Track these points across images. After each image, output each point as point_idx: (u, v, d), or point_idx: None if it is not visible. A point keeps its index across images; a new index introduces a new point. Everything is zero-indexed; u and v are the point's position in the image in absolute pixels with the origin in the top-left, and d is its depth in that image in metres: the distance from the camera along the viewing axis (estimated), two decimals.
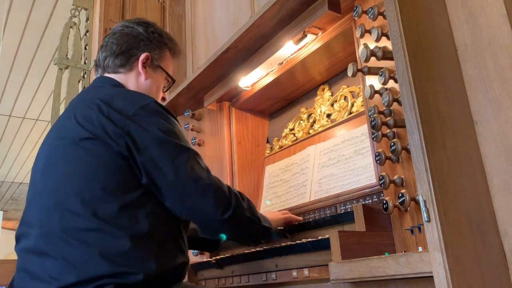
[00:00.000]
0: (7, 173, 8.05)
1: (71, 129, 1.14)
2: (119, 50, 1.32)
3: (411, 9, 1.06)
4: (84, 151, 1.10)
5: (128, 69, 1.33)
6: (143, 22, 1.40)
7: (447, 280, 0.82)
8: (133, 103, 1.15)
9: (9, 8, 3.98)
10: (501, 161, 1.02)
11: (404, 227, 1.09)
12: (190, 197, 1.12)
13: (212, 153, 2.13)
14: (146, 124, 1.12)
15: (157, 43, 1.37)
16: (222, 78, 2.00)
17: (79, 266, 1.00)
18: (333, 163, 1.69)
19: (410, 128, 0.96)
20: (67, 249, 1.02)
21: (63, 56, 2.70)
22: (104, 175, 1.08)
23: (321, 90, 1.91)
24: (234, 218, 1.17)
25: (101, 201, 1.06)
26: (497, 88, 1.04)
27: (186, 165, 1.12)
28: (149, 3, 2.91)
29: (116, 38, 1.34)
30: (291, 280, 1.32)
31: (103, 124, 1.10)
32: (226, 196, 1.17)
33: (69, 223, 1.05)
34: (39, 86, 5.28)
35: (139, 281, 1.01)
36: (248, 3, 2.33)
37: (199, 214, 1.15)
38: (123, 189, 1.08)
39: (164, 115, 1.17)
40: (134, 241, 1.04)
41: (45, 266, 1.03)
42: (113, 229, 1.04)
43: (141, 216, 1.08)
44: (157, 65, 1.37)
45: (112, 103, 1.14)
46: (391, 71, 1.13)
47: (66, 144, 1.14)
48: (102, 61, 1.34)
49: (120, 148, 1.09)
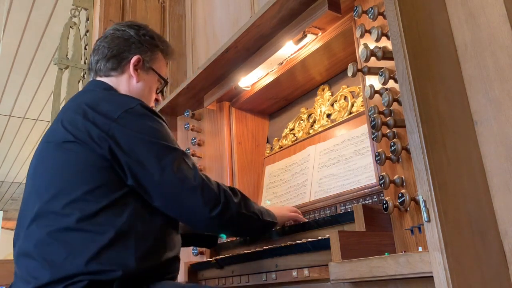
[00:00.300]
0: (7, 173, 8.06)
1: (57, 133, 1.17)
2: (111, 54, 1.33)
3: (411, 9, 1.06)
4: (67, 152, 1.13)
5: (119, 72, 1.33)
6: (135, 25, 1.40)
7: (447, 280, 0.82)
8: (118, 107, 1.16)
9: (9, 8, 3.98)
10: (501, 161, 1.02)
11: (404, 227, 1.09)
12: (177, 196, 1.13)
13: (212, 153, 2.13)
14: (131, 126, 1.13)
15: (148, 46, 1.37)
16: (222, 78, 2.00)
17: (56, 265, 1.02)
18: (333, 163, 1.69)
19: (410, 128, 0.96)
20: (48, 250, 1.05)
21: (63, 56, 2.70)
22: (87, 177, 1.10)
23: (321, 90, 1.91)
24: (224, 215, 1.17)
25: (83, 202, 1.07)
26: (497, 88, 1.04)
27: (173, 165, 1.13)
28: (149, 3, 2.91)
29: (107, 42, 1.35)
30: (291, 280, 1.32)
31: (88, 128, 1.12)
32: (215, 193, 1.17)
33: (53, 224, 1.07)
34: (39, 86, 5.29)
35: (116, 277, 1.02)
36: (248, 3, 2.33)
37: (188, 213, 1.15)
38: (105, 190, 1.10)
39: (150, 117, 1.18)
40: (114, 239, 1.05)
41: (29, 268, 1.06)
42: (94, 228, 1.05)
43: (123, 215, 1.09)
44: (149, 67, 1.37)
45: (97, 107, 1.16)
46: (391, 71, 1.13)
47: (51, 147, 1.17)
48: (94, 65, 1.35)
49: (102, 151, 1.10)
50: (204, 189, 1.15)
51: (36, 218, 1.10)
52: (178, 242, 1.25)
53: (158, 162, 1.12)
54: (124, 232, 1.07)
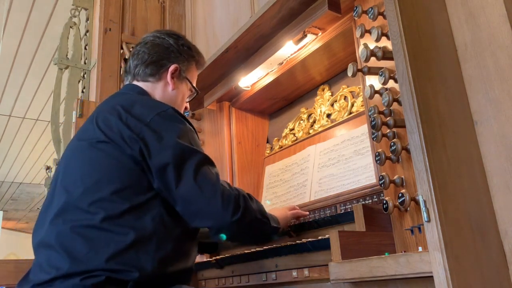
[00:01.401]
0: (7, 173, 8.05)
1: (91, 132, 1.20)
2: (150, 60, 1.37)
3: (411, 9, 1.06)
4: (99, 152, 1.15)
5: (157, 79, 1.37)
6: (174, 34, 1.45)
7: (447, 280, 0.82)
8: (151, 110, 1.19)
9: (9, 8, 3.98)
10: (501, 161, 1.02)
11: (404, 227, 1.09)
12: (198, 199, 1.13)
13: (212, 153, 2.13)
14: (160, 129, 1.16)
15: (186, 56, 1.42)
16: (222, 78, 2.00)
17: (77, 258, 1.04)
18: (333, 163, 1.69)
19: (410, 128, 0.96)
20: (70, 243, 1.07)
21: (63, 56, 2.70)
22: (115, 177, 1.12)
23: (321, 90, 1.91)
24: (244, 220, 1.18)
25: (110, 201, 1.09)
26: (497, 88, 1.04)
27: (196, 168, 1.14)
28: (149, 3, 2.91)
29: (147, 48, 1.39)
30: (291, 280, 1.32)
31: (121, 129, 1.15)
32: (235, 198, 1.18)
33: (77, 219, 1.09)
34: (39, 86, 5.28)
35: (133, 279, 1.04)
36: (248, 3, 2.32)
37: (209, 217, 1.16)
38: (133, 191, 1.12)
39: (180, 120, 1.21)
40: (136, 241, 1.06)
41: (50, 258, 1.08)
42: (117, 228, 1.07)
43: (147, 218, 1.10)
44: (184, 77, 1.42)
45: (132, 110, 1.19)
46: (391, 71, 1.13)
47: (84, 145, 1.20)
48: (133, 69, 1.39)
49: (133, 152, 1.13)
50: (225, 194, 1.16)
51: (61, 213, 1.12)
52: (195, 253, 1.26)
53: (182, 164, 1.13)
54: (146, 235, 1.08)
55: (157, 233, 1.10)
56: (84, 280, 1.01)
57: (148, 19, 2.86)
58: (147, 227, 1.09)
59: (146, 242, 1.08)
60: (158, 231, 1.11)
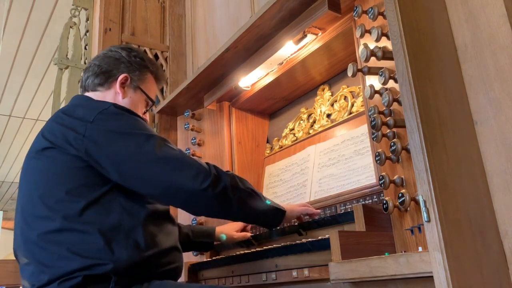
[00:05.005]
0: (7, 173, 8.06)
1: (37, 143, 1.23)
2: (100, 71, 1.37)
3: (411, 9, 1.06)
4: (46, 159, 1.18)
5: (106, 88, 1.37)
6: (128, 47, 1.45)
7: (447, 280, 0.82)
8: (93, 110, 1.20)
9: (9, 8, 3.98)
10: (501, 161, 1.02)
11: (404, 227, 1.09)
12: (164, 176, 1.13)
13: (212, 153, 2.13)
14: (106, 124, 1.17)
15: (137, 66, 1.41)
16: (222, 78, 2.00)
17: (51, 266, 1.07)
18: (333, 163, 1.69)
19: (410, 128, 0.96)
20: (40, 253, 1.09)
21: (63, 56, 2.70)
22: (66, 179, 1.14)
23: (321, 90, 1.91)
24: (216, 186, 1.15)
25: (66, 202, 1.11)
26: (497, 88, 1.04)
27: (155, 149, 1.14)
28: (149, 3, 2.91)
29: (98, 60, 1.40)
30: (291, 280, 1.32)
31: (64, 133, 1.16)
32: (203, 167, 1.17)
33: (40, 228, 1.11)
34: (39, 86, 5.28)
35: (109, 270, 1.05)
36: (248, 3, 2.33)
37: (178, 191, 1.14)
38: (87, 188, 1.13)
39: (124, 114, 1.22)
40: (103, 234, 1.08)
41: (28, 272, 1.12)
42: (82, 226, 1.09)
43: (109, 211, 1.12)
44: (136, 86, 1.40)
45: (73, 113, 1.21)
46: (391, 71, 1.13)
47: (32, 157, 1.23)
48: (84, 81, 1.40)
49: (78, 152, 1.14)
50: (192, 164, 1.16)
51: (24, 224, 1.16)
52: (173, 232, 1.26)
53: (140, 149, 1.14)
54: (112, 227, 1.10)
55: (123, 222, 1.11)
56: (61, 284, 1.04)
57: (148, 19, 2.86)
58: (111, 218, 1.11)
59: (114, 233, 1.09)
60: (124, 219, 1.12)
